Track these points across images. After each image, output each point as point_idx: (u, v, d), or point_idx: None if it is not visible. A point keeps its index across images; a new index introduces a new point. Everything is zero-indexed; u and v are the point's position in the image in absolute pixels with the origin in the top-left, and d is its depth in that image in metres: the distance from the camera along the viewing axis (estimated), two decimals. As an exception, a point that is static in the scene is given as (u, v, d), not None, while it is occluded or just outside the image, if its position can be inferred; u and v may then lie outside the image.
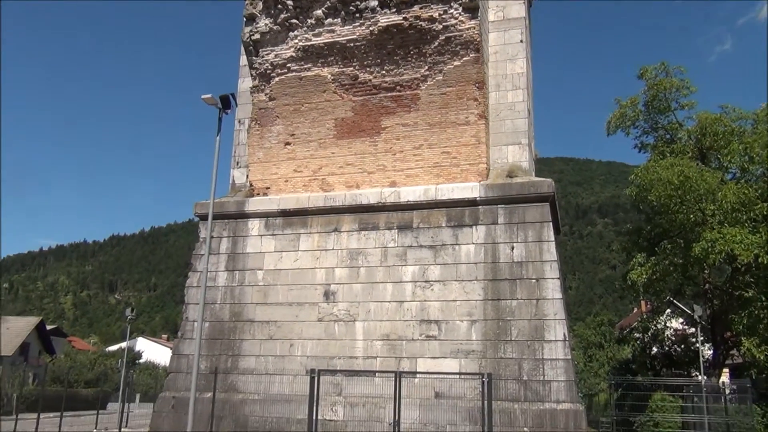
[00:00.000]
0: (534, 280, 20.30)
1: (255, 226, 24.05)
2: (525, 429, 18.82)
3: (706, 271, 24.41)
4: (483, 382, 14.63)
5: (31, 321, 66.04)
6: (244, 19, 25.08)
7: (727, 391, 19.12)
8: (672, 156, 23.97)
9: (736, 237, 20.52)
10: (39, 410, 19.76)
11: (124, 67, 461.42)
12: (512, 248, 20.85)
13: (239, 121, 26.30)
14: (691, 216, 21.74)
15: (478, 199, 21.61)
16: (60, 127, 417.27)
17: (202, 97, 16.23)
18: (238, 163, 25.93)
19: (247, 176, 25.17)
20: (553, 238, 20.94)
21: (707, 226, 21.60)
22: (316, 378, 15.81)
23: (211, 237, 23.04)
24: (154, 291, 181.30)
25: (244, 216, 24.24)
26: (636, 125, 27.05)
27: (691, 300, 27.35)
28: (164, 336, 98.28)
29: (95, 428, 26.29)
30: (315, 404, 15.62)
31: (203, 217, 24.19)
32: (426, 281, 21.34)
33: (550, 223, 21.01)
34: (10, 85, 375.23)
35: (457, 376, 19.35)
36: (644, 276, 23.01)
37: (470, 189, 21.78)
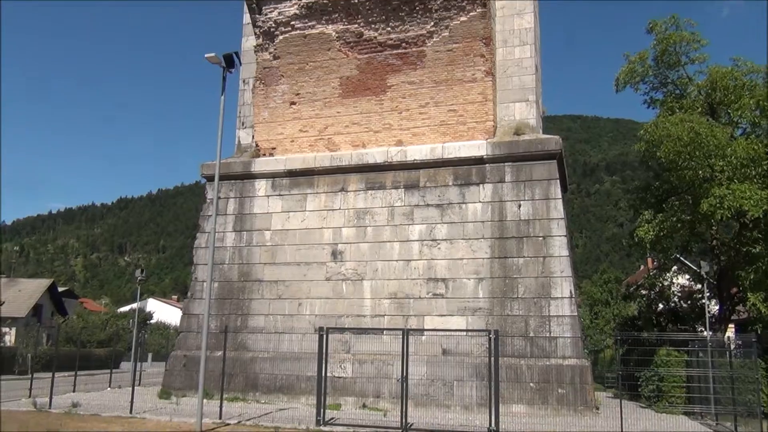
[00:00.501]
0: (541, 238, 20.33)
1: (262, 186, 24.07)
2: (531, 384, 19.09)
3: (713, 228, 24.31)
4: (490, 339, 14.77)
5: (43, 283, 66.73)
6: (247, -24, 24.64)
7: (732, 346, 19.25)
8: (681, 111, 23.63)
9: (745, 193, 20.38)
10: (53, 370, 20.10)
11: (128, 27, 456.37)
12: (519, 206, 20.82)
13: (244, 81, 26.09)
14: (700, 172, 21.55)
15: (485, 157, 21.50)
16: (63, 89, 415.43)
17: (206, 56, 16.03)
18: (243, 123, 25.81)
19: (253, 137, 25.08)
20: (560, 196, 20.88)
21: (716, 182, 21.43)
22: (324, 336, 16.00)
23: (218, 198, 23.11)
24: (163, 253, 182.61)
25: (251, 176, 24.24)
26: (645, 81, 26.60)
27: (697, 257, 27.32)
28: (174, 297, 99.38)
29: (109, 386, 26.81)
30: (324, 361, 15.84)
31: (210, 178, 24.20)
32: (433, 240, 21.41)
33: (557, 181, 20.93)
34: (15, 47, 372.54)
35: (464, 333, 19.56)
36: (651, 233, 22.93)
37: (477, 147, 21.65)
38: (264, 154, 24.51)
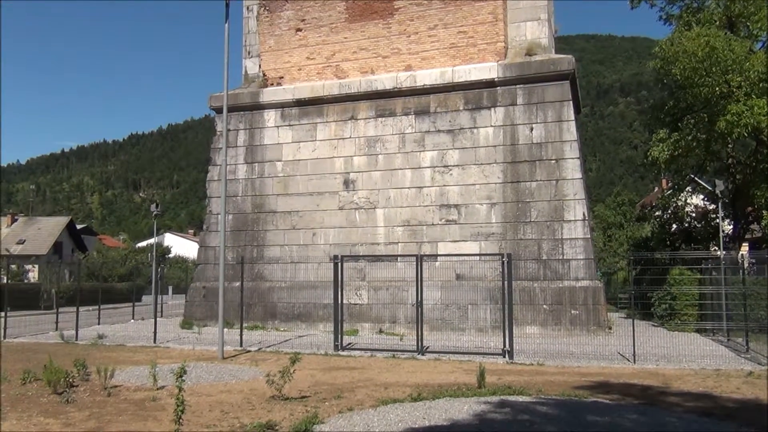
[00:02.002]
0: (553, 161, 20.13)
1: (271, 117, 23.85)
2: (544, 306, 19.34)
3: (729, 146, 23.89)
4: (503, 263, 14.86)
5: (61, 221, 67.77)
6: None
7: (746, 264, 19.26)
8: (699, 26, 22.81)
9: (763, 109, 19.88)
10: (77, 304, 20.63)
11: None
12: (531, 129, 20.53)
13: (248, 8, 25.41)
14: (717, 89, 20.97)
15: (496, 79, 21.06)
16: (67, 27, 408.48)
17: (207, -18, 15.58)
18: (249, 52, 25.33)
19: (260, 66, 24.67)
20: (573, 118, 20.53)
21: (733, 99, 20.90)
22: (339, 264, 16.18)
23: (228, 130, 22.96)
24: (177, 188, 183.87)
25: (260, 107, 23.99)
26: (661, -6, 25.60)
27: (713, 176, 27.00)
28: (190, 231, 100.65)
29: (132, 319, 27.54)
30: (340, 289, 16.09)
31: (219, 110, 23.98)
32: (445, 166, 21.28)
33: (570, 102, 20.53)
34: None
35: (478, 258, 19.69)
36: (666, 152, 22.58)
37: (488, 69, 21.18)
38: (272, 84, 24.17)
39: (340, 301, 16.14)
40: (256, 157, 23.81)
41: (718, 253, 22.59)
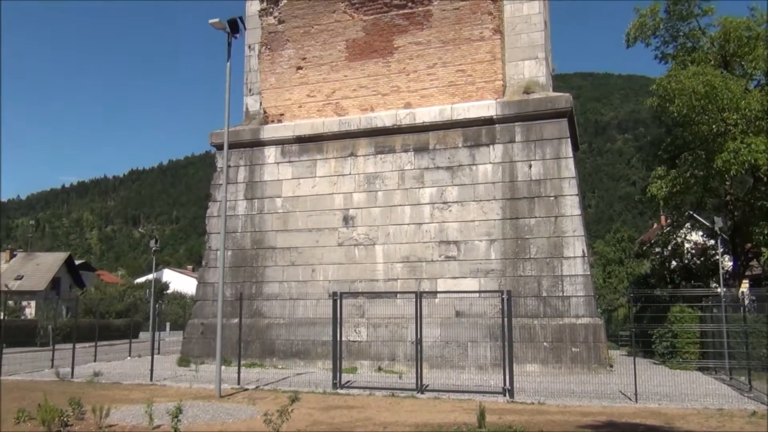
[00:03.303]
0: (552, 198, 20.20)
1: (271, 153, 24.01)
2: (544, 343, 19.19)
3: (727, 183, 24.06)
4: (503, 300, 14.79)
5: (60, 256, 67.62)
6: (248, -61, 24.20)
7: (747, 301, 19.19)
8: (694, 65, 23.17)
9: (759, 146, 20.09)
10: (74, 340, 20.45)
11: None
12: (530, 166, 20.65)
13: (249, 47, 25.79)
14: (714, 126, 21.22)
15: (494, 117, 21.27)
16: (68, 61, 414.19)
17: (210, 21, 15.85)
18: (250, 90, 25.63)
19: (261, 103, 24.93)
20: (571, 155, 20.68)
21: (730, 136, 21.12)
22: (338, 301, 16.10)
23: (228, 166, 23.09)
24: (176, 224, 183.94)
25: (260, 144, 24.17)
26: (656, 34, 26.05)
27: (711, 213, 27.09)
28: (189, 267, 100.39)
29: (129, 356, 27.28)
30: (339, 326, 15.98)
31: (219, 147, 24.14)
32: (444, 202, 21.35)
33: (568, 139, 20.70)
34: (22, 12, 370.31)
35: (477, 295, 19.61)
36: (664, 189, 22.74)
37: (486, 107, 21.41)
38: (272, 121, 24.39)
39: (339, 339, 16.01)
40: (256, 194, 23.89)
41: (719, 290, 22.51)
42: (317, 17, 23.59)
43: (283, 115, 24.25)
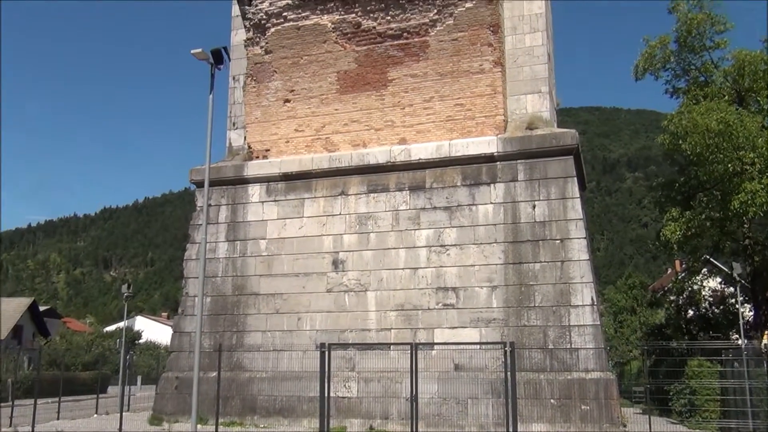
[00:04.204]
0: (558, 241, 20.23)
1: (255, 191, 24.05)
2: (551, 400, 18.98)
3: (745, 226, 24.21)
4: (506, 352, 14.70)
5: (23, 302, 66.87)
6: (234, -35, 24.70)
7: (770, 354, 19.15)
8: (706, 100, 23.54)
9: (779, 187, 20.31)
10: (36, 396, 20.11)
11: (106, 22, 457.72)
12: (534, 207, 20.74)
13: (234, 78, 26.10)
14: (729, 166, 21.43)
15: (495, 154, 21.44)
16: (38, 90, 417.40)
17: (192, 51, 16.06)
18: (234, 124, 25.82)
19: (245, 138, 25.09)
20: (578, 195, 20.80)
21: (747, 177, 21.33)
22: (326, 353, 15.95)
23: (209, 205, 23.11)
24: (151, 266, 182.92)
25: (244, 181, 24.23)
26: (667, 68, 26.50)
27: (729, 258, 27.17)
28: (164, 314, 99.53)
29: (95, 413, 26.80)
30: (327, 381, 15.78)
31: (200, 185, 24.17)
32: (441, 246, 21.34)
33: (575, 179, 20.85)
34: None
35: (478, 347, 19.47)
36: (678, 233, 22.83)
37: (487, 143, 21.60)
38: (257, 157, 24.51)
39: (326, 394, 15.80)
40: (239, 235, 23.85)
41: (739, 342, 22.43)
42: (307, 47, 23.92)
43: (268, 150, 24.38)
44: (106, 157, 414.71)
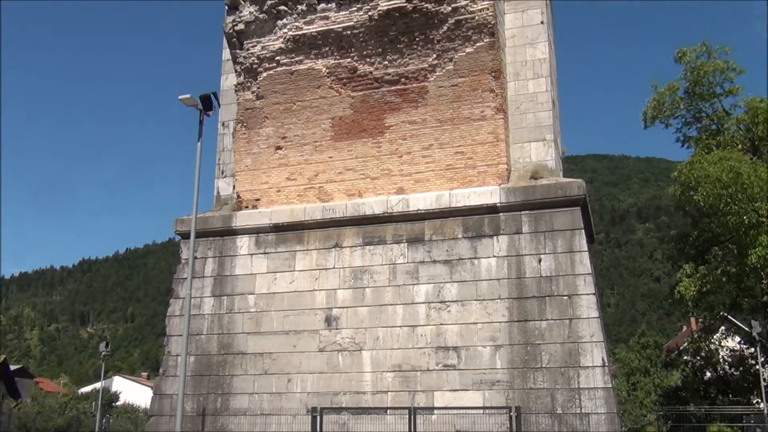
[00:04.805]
0: (566, 297, 20.16)
1: (244, 243, 24.03)
2: (561, 469, 18.63)
3: (764, 281, 24.21)
4: (511, 417, 14.51)
5: (-7, 360, 66.03)
6: (226, 7, 25.20)
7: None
8: (719, 149, 23.83)
9: (797, 241, 20.40)
10: (2, 463, 19.73)
11: (89, 61, 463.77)
12: (539, 261, 20.73)
13: (223, 124, 26.35)
14: (744, 218, 21.58)
15: (498, 204, 21.53)
16: (13, 130, 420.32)
17: (180, 97, 16.29)
18: (223, 172, 25.97)
19: (234, 187, 25.19)
20: (586, 248, 20.81)
21: (763, 229, 21.45)
22: (318, 417, 15.73)
23: (195, 258, 23.04)
24: (131, 322, 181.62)
25: (232, 232, 24.23)
26: (676, 115, 26.96)
27: (748, 315, 27.10)
28: (144, 374, 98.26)
29: (67, 482, 26.26)
30: (318, 447, 15.53)
31: (185, 236, 24.17)
32: (442, 302, 21.23)
33: (582, 231, 20.89)
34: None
35: (481, 411, 19.19)
36: (693, 289, 22.86)
37: (489, 194, 21.71)
38: (246, 207, 24.57)
39: (317, 464, 15.51)
40: (226, 290, 23.73)
41: (761, 406, 22.19)
42: (300, 93, 24.23)
43: (259, 200, 24.47)
44: (85, 206, 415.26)
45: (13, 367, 70.31)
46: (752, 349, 26.51)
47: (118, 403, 68.53)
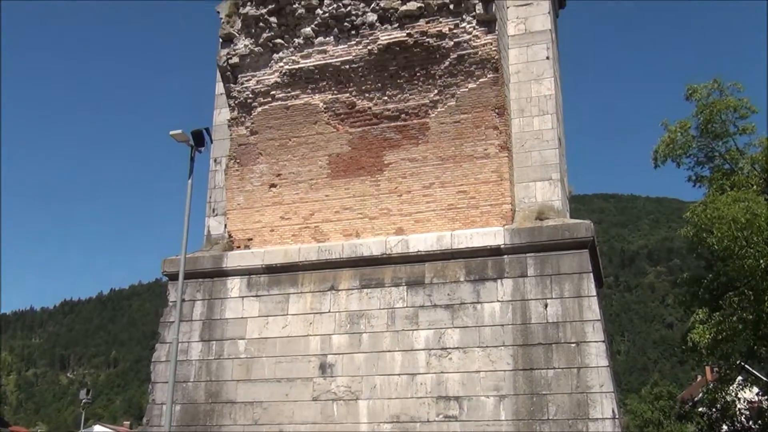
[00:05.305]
0: (573, 345, 20.05)
1: (235, 285, 23.96)
2: None
3: (783, 328, 24.10)
4: (516, 472, 14.32)
5: (-34, 408, 65.36)
6: (220, 40, 25.50)
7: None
8: (733, 190, 23.93)
9: (817, 286, 20.38)
10: None
11: (75, 93, 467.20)
12: (546, 306, 20.67)
13: (215, 161, 26.47)
14: (761, 261, 21.56)
15: (502, 246, 21.53)
16: None
17: (171, 133, 16.41)
18: (214, 210, 26.01)
19: (226, 226, 25.20)
20: (594, 293, 20.77)
21: (781, 274, 21.44)
22: (311, 471, 15.53)
23: (183, 300, 22.97)
24: (114, 367, 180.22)
25: (222, 274, 24.17)
26: (688, 154, 27.09)
27: (766, 364, 26.96)
28: (126, 423, 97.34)
29: None
30: (310, 504, 15.31)
31: (173, 277, 24.13)
32: (443, 349, 21.10)
33: (591, 274, 20.88)
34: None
35: (484, 466, 18.95)
36: (708, 336, 22.74)
37: (493, 235, 21.73)
38: (238, 247, 24.56)
39: None
40: (215, 334, 23.58)
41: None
42: (296, 128, 24.39)
43: (251, 240, 24.47)
44: (69, 244, 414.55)
45: (-13, 415, 69.55)
46: (771, 401, 26.32)
47: (98, 455, 67.67)
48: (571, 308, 20.47)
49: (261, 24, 24.41)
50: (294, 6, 23.98)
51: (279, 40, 24.29)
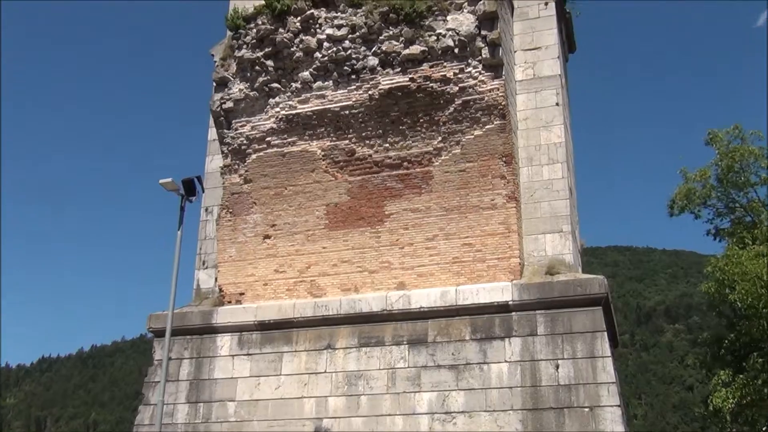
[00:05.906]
0: (587, 410, 19.84)
1: (225, 343, 23.82)
2: None
3: (811, 392, 23.89)
4: None
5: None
6: (214, 84, 25.80)
7: None
8: (756, 244, 23.95)
9: None
10: None
11: (62, 139, 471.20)
12: (557, 367, 20.52)
13: (206, 210, 26.53)
14: (787, 321, 21.51)
15: (510, 303, 21.46)
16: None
17: (161, 181, 16.49)
18: (204, 262, 25.99)
19: (216, 279, 25.17)
20: (609, 353, 20.63)
21: (808, 333, 21.35)
22: None
23: (169, 359, 22.81)
24: (94, 430, 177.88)
25: (212, 330, 24.05)
26: (708, 204, 27.16)
27: (794, 431, 26.64)
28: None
29: None
30: None
31: (159, 333, 24.00)
32: (447, 413, 20.89)
33: (605, 333, 20.77)
34: None
35: None
36: (731, 400, 22.53)
37: (500, 290, 21.67)
38: (229, 302, 24.48)
39: None
40: (202, 396, 23.36)
41: None
42: (292, 177, 24.51)
43: (243, 294, 24.40)
44: (48, 297, 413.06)
45: (-45, 482, 68.53)
46: (801, 471, 25.91)
47: None
48: (584, 370, 20.31)
49: (257, 67, 24.72)
50: (292, 49, 24.33)
51: (276, 85, 24.55)
